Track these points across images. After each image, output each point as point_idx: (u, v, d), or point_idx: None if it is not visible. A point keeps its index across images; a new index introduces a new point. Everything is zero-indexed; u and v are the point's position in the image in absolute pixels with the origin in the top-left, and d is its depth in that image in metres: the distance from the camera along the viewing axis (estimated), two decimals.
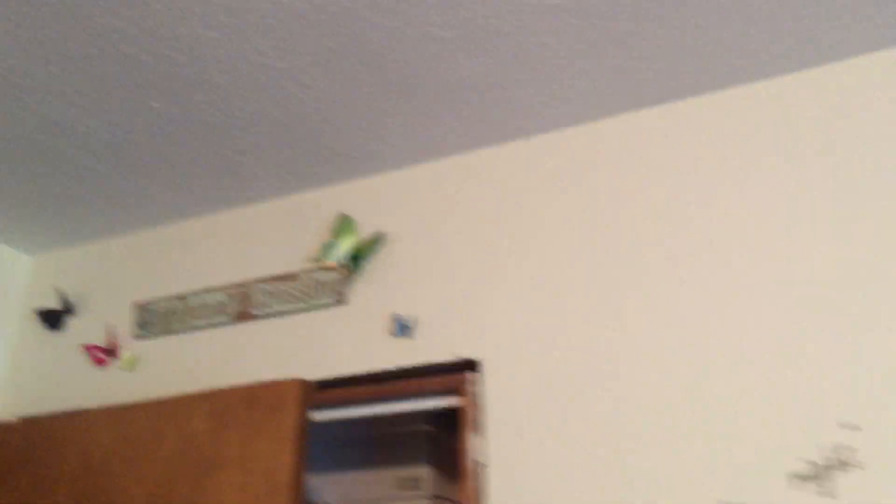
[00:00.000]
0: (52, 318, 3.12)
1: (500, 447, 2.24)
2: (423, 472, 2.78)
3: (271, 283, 2.79)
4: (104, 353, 2.97)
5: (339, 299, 2.66)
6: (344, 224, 2.74)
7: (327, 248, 2.72)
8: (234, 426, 2.35)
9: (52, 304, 3.13)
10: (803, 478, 1.91)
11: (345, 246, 2.71)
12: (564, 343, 2.29)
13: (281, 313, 2.74)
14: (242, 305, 2.82)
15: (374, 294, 2.63)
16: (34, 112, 2.43)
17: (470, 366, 2.37)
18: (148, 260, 3.09)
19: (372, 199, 2.77)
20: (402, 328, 2.52)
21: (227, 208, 3.01)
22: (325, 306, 2.68)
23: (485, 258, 2.51)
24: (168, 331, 2.91)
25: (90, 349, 2.98)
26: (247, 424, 2.33)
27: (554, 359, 2.28)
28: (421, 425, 2.82)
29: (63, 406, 2.74)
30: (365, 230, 2.71)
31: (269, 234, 2.90)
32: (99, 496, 2.42)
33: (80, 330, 3.08)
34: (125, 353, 2.92)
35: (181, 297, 2.93)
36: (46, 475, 2.52)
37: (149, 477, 2.39)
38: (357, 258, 2.67)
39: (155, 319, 2.95)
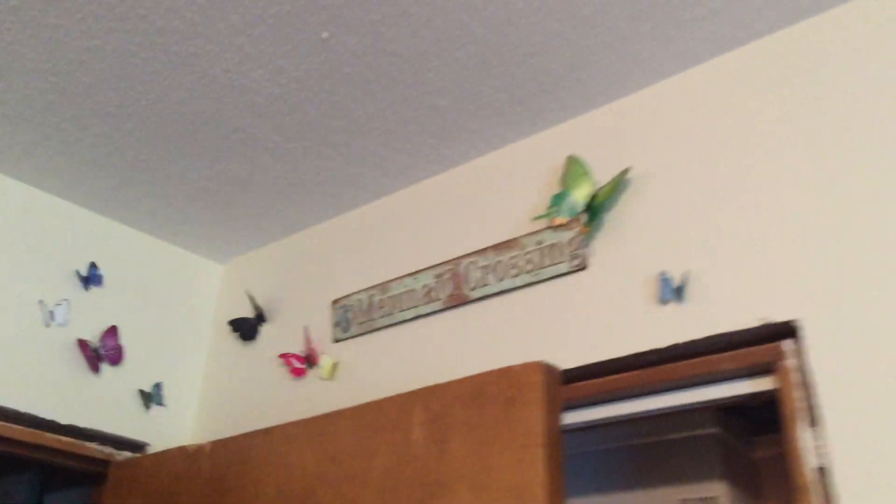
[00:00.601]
0: (246, 328, 2.73)
1: (845, 445, 1.50)
2: (719, 490, 2.04)
3: (488, 256, 2.22)
4: (302, 362, 2.52)
5: (578, 263, 2.03)
6: (574, 169, 2.12)
7: (556, 202, 2.11)
8: (460, 433, 1.77)
9: (245, 312, 2.74)
10: None
11: (578, 195, 2.08)
12: None
13: (503, 291, 2.16)
14: (455, 287, 2.26)
15: (623, 251, 1.98)
16: (214, 81, 2.03)
17: (784, 332, 1.65)
18: (343, 250, 2.63)
19: (608, 133, 2.13)
20: (671, 291, 1.85)
21: (427, 176, 2.48)
22: (560, 275, 2.06)
23: (778, 184, 1.79)
24: (370, 328, 2.41)
25: (287, 358, 2.54)
26: (476, 429, 1.75)
27: None
28: (708, 426, 2.10)
29: (261, 424, 2.30)
30: (601, 174, 2.08)
31: (478, 199, 2.33)
32: None
33: (275, 338, 2.66)
34: (325, 360, 2.45)
35: (383, 287, 2.42)
36: None
37: (361, 502, 1.86)
38: (596, 209, 2.04)
39: (355, 317, 2.46)
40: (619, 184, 2.03)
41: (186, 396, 2.73)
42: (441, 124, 2.24)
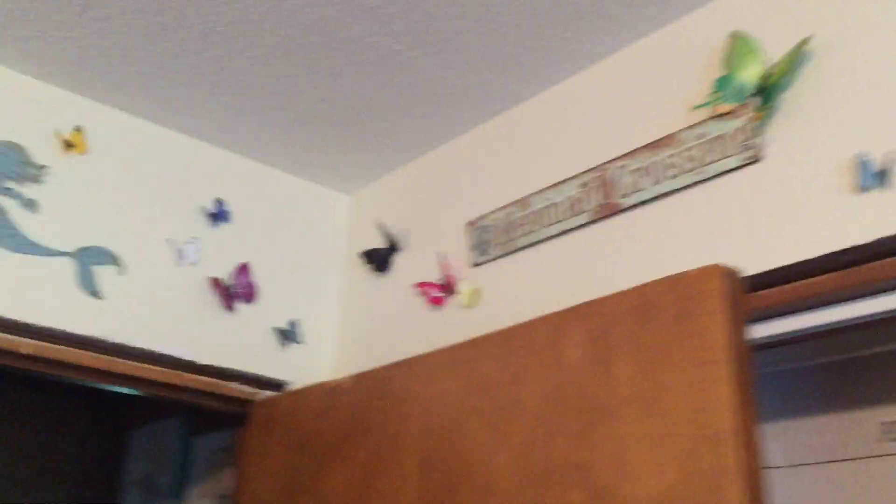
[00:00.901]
0: (379, 259, 2.58)
1: None
2: None
3: (640, 158, 1.96)
4: (440, 290, 2.35)
5: (751, 156, 1.75)
6: (740, 46, 1.82)
7: (719, 86, 1.82)
8: (624, 351, 1.55)
9: (377, 243, 2.59)
10: None
11: (746, 77, 1.78)
12: None
13: (661, 195, 1.90)
14: (604, 196, 2.01)
15: (807, 135, 1.68)
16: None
17: None
18: (475, 168, 2.42)
19: (778, 1, 1.81)
20: (872, 175, 1.54)
21: (565, 77, 2.22)
22: (729, 170, 1.78)
23: None
24: (511, 248, 2.20)
25: (424, 287, 2.38)
26: (643, 347, 1.52)
27: None
28: None
29: (400, 357, 2.15)
30: (773, 49, 1.76)
31: (624, 95, 2.06)
32: (450, 463, 1.77)
33: (410, 267, 2.50)
34: (464, 286, 2.27)
35: (522, 203, 2.20)
36: (386, 441, 1.93)
37: (512, 434, 1.68)
38: (769, 90, 1.74)
39: (493, 237, 2.26)
40: (796, 58, 1.71)
41: (323, 332, 2.62)
42: (579, 14, 1.97)
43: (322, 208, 2.77)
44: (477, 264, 2.29)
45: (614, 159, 2.01)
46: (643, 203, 1.93)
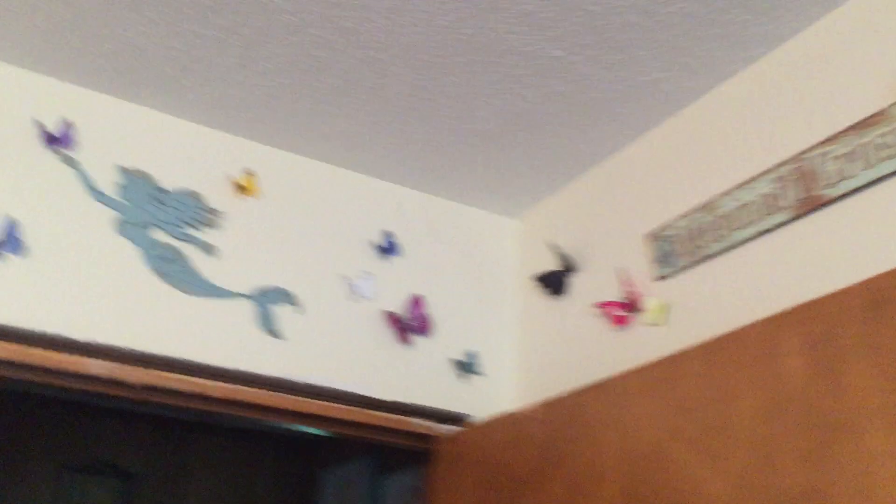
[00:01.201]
0: (555, 282, 2.45)
1: None
2: None
3: (845, 141, 1.73)
4: (624, 308, 2.19)
5: None
6: None
7: None
8: (856, 356, 1.33)
9: (550, 265, 2.47)
10: None
11: None
12: None
13: (874, 181, 1.67)
14: (804, 189, 1.80)
15: None
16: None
17: None
18: (650, 175, 2.26)
19: None
20: None
21: (743, 67, 2.03)
22: None
23: None
24: (699, 258, 2.02)
25: (606, 307, 2.23)
26: (879, 350, 1.30)
27: None
28: None
29: (585, 382, 2.00)
30: None
31: (818, 74, 1.85)
32: (657, 492, 1.60)
33: (588, 287, 2.36)
34: (650, 302, 2.10)
35: (708, 206, 2.02)
36: (582, 471, 1.79)
37: (725, 458, 1.49)
38: None
39: (678, 247, 2.08)
40: None
41: (501, 361, 2.52)
42: None
43: (491, 234, 2.69)
44: (661, 277, 2.12)
45: (813, 146, 1.80)
46: (853, 192, 1.71)
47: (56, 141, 2.07)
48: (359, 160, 2.46)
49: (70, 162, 2.08)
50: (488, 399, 2.44)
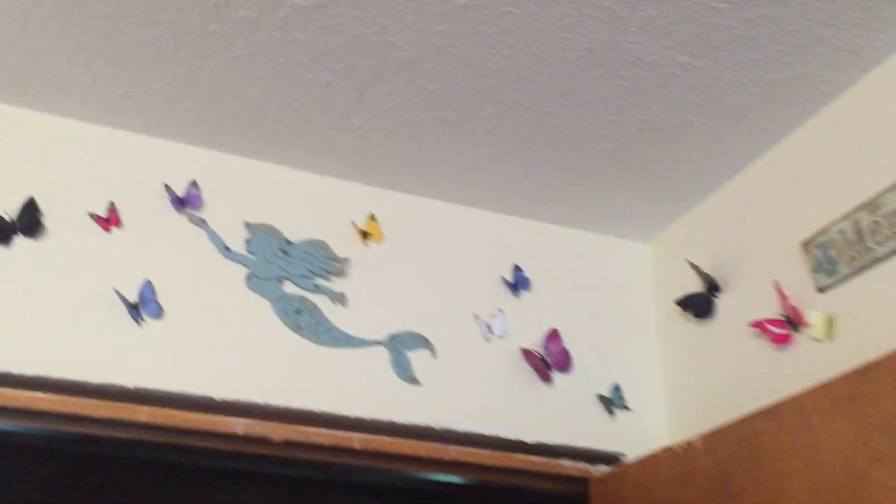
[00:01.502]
0: (700, 304, 2.29)
1: None
2: None
3: None
4: (782, 326, 2.01)
5: None
6: None
7: None
8: None
9: (690, 287, 2.31)
10: None
11: None
12: None
13: None
14: None
15: None
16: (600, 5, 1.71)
17: None
18: (799, 177, 2.09)
19: None
20: None
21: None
22: None
23: None
24: (865, 263, 1.83)
25: (762, 326, 2.05)
26: None
27: None
28: None
29: (746, 409, 1.83)
30: None
31: None
32: None
33: (737, 306, 2.19)
34: (813, 316, 1.92)
35: (871, 205, 1.84)
36: None
37: None
38: None
39: (839, 253, 1.90)
40: None
41: (649, 393, 2.36)
42: None
43: (623, 261, 2.55)
44: (823, 288, 1.93)
45: None
46: None
47: (185, 203, 2.09)
48: (480, 196, 2.39)
49: (199, 222, 2.08)
50: (639, 434, 2.28)
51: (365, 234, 2.25)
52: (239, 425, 1.93)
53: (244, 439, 1.93)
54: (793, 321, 1.98)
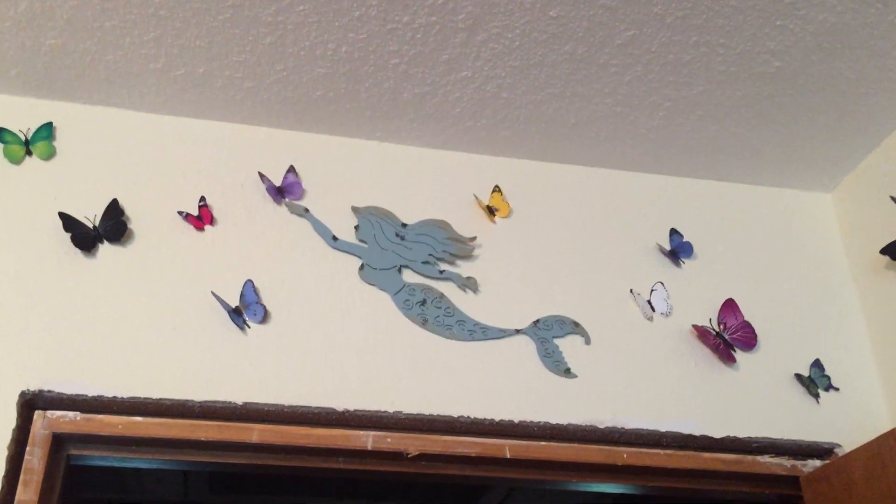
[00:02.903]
0: None
1: None
2: None
3: None
4: None
5: None
6: None
7: None
8: None
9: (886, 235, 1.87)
10: None
11: None
12: None
13: None
14: None
15: None
16: None
17: None
18: None
19: None
20: None
21: None
22: None
23: None
24: None
25: None
26: None
27: None
28: None
29: None
30: None
31: None
32: None
33: None
34: None
35: None
36: None
37: None
38: None
39: None
40: None
41: (860, 367, 1.91)
42: None
43: (801, 215, 2.12)
44: None
45: None
46: None
47: (283, 192, 1.83)
48: (622, 156, 2.03)
49: (301, 211, 1.82)
50: (853, 419, 1.85)
51: (490, 210, 1.92)
52: (367, 439, 1.63)
53: (373, 454, 1.63)
54: None
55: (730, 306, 1.92)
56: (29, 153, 1.74)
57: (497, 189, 1.95)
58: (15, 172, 1.72)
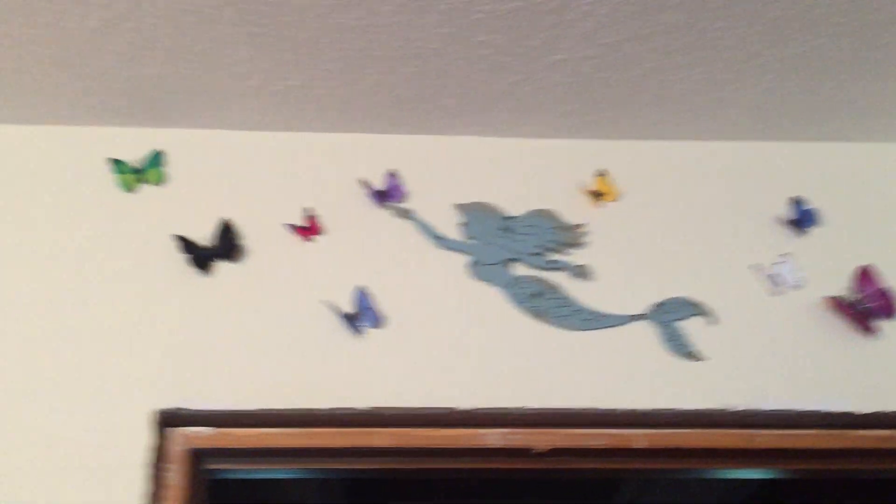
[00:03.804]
0: None
1: None
2: None
3: None
4: None
5: None
6: None
7: None
8: None
9: None
10: None
11: None
12: None
13: None
14: None
15: None
16: None
17: None
18: None
19: None
20: None
21: None
22: None
23: None
24: None
25: None
26: None
27: None
28: None
29: None
30: None
31: None
32: None
33: None
34: None
35: None
36: None
37: None
38: None
39: None
40: None
41: None
42: None
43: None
44: None
45: None
46: None
47: (386, 196, 1.83)
48: (731, 126, 1.93)
49: (404, 214, 1.81)
50: None
51: (596, 195, 1.87)
52: (493, 437, 1.60)
53: (501, 452, 1.60)
54: None
55: (866, 274, 1.80)
56: (142, 181, 1.79)
57: (603, 173, 1.89)
58: (131, 201, 1.78)
